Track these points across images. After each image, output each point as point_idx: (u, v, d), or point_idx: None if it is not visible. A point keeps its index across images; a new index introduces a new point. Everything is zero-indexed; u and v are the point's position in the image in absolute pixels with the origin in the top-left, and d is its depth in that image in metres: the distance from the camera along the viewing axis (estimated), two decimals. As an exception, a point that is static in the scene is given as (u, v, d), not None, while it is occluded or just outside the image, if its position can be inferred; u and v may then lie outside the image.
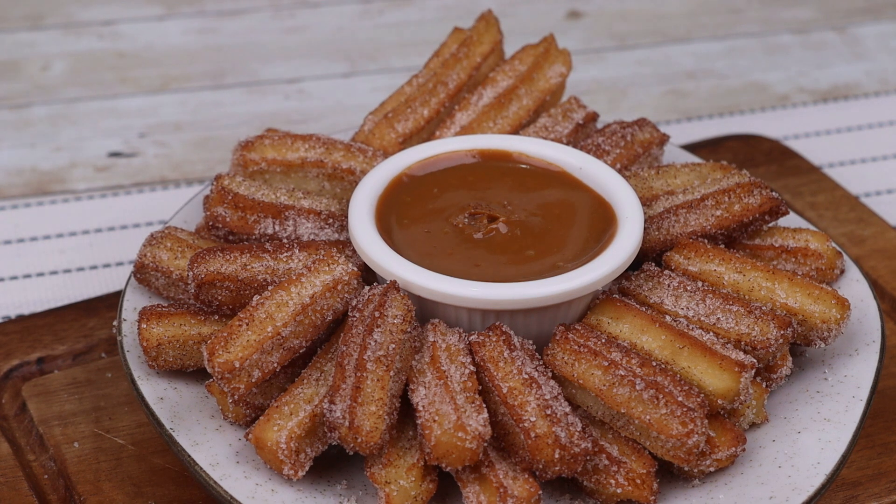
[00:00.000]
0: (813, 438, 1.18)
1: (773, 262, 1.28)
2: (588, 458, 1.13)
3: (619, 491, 1.13)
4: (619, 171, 1.33)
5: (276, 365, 1.15)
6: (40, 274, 1.53)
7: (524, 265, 1.21)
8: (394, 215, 1.26)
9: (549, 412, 1.11)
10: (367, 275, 1.24)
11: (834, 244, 1.29)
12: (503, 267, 1.21)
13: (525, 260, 1.22)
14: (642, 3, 2.03)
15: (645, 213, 1.29)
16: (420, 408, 1.11)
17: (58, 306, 1.43)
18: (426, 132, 1.39)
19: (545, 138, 1.36)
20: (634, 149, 1.36)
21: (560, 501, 1.16)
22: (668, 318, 1.20)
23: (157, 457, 1.26)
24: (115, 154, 1.72)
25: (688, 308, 1.21)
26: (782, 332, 1.18)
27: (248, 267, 1.21)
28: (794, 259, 1.28)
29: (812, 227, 1.34)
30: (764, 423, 1.20)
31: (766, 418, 1.20)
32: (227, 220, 1.27)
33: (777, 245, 1.28)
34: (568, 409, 1.13)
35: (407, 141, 1.37)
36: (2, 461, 1.27)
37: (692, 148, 1.63)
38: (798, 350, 1.27)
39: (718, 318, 1.20)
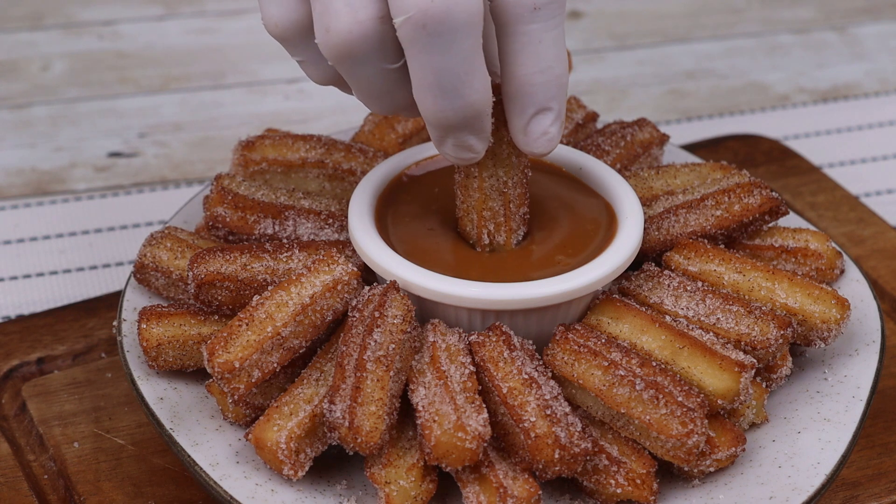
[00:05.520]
0: (813, 438, 1.18)
1: (773, 262, 1.28)
2: (588, 458, 1.13)
3: (619, 491, 1.13)
4: (619, 171, 1.33)
5: (276, 365, 1.15)
6: (40, 274, 1.53)
7: (524, 265, 1.21)
8: (394, 215, 1.26)
9: (549, 412, 1.11)
10: (367, 275, 1.24)
11: (834, 244, 1.30)
12: (503, 267, 1.21)
13: (525, 260, 1.22)
14: (642, 3, 2.03)
15: (645, 213, 1.29)
16: (420, 408, 1.11)
17: (58, 306, 1.43)
18: (426, 132, 1.39)
19: (545, 138, 1.36)
20: (634, 149, 1.36)
21: (560, 501, 1.16)
22: (668, 318, 1.20)
23: (157, 457, 1.26)
24: (115, 154, 1.72)
25: (688, 308, 1.21)
26: (782, 332, 1.18)
27: (248, 267, 1.21)
28: (794, 259, 1.28)
29: (812, 227, 1.34)
30: (764, 423, 1.20)
31: (766, 418, 1.20)
32: (227, 220, 1.27)
33: (777, 245, 1.28)
34: (568, 409, 1.13)
35: (407, 141, 1.37)
36: (2, 461, 1.27)
37: (692, 148, 1.63)
38: (798, 350, 1.27)
39: (718, 318, 1.20)
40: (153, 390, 1.20)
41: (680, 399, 1.12)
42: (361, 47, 1.08)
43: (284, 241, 1.25)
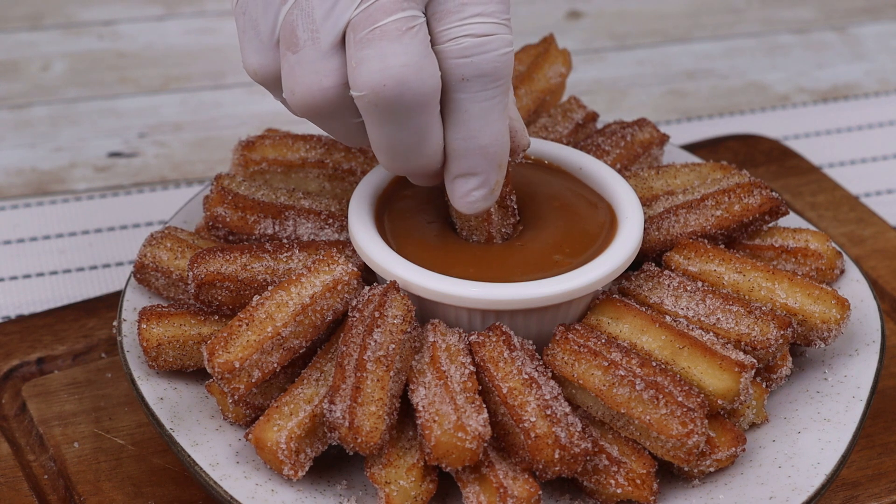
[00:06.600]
0: (813, 438, 1.18)
1: (773, 262, 1.28)
2: (588, 458, 1.13)
3: (619, 491, 1.13)
4: (619, 171, 1.33)
5: (276, 365, 1.15)
6: (40, 274, 1.53)
7: (524, 265, 1.21)
8: (394, 215, 1.26)
9: (549, 412, 1.11)
10: (367, 275, 1.24)
11: (834, 244, 1.30)
12: (503, 267, 1.21)
13: (525, 260, 1.22)
14: (642, 3, 2.03)
15: (645, 213, 1.29)
16: (420, 408, 1.11)
17: (58, 306, 1.43)
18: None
19: (545, 138, 1.36)
20: (634, 149, 1.36)
21: (560, 501, 1.16)
22: (668, 318, 1.20)
23: (157, 457, 1.26)
24: (115, 154, 1.72)
25: (688, 308, 1.21)
26: (782, 333, 1.18)
27: (248, 267, 1.21)
28: (794, 259, 1.28)
29: (812, 227, 1.34)
30: (764, 423, 1.20)
31: (766, 418, 1.20)
32: (227, 220, 1.27)
33: (777, 245, 1.28)
34: (568, 410, 1.13)
35: (407, 141, 1.37)
36: (2, 461, 1.27)
37: (692, 148, 1.63)
38: (798, 350, 1.27)
39: (718, 319, 1.20)
40: (153, 390, 1.20)
41: (680, 399, 1.12)
42: (325, 109, 1.12)
43: (284, 241, 1.25)
